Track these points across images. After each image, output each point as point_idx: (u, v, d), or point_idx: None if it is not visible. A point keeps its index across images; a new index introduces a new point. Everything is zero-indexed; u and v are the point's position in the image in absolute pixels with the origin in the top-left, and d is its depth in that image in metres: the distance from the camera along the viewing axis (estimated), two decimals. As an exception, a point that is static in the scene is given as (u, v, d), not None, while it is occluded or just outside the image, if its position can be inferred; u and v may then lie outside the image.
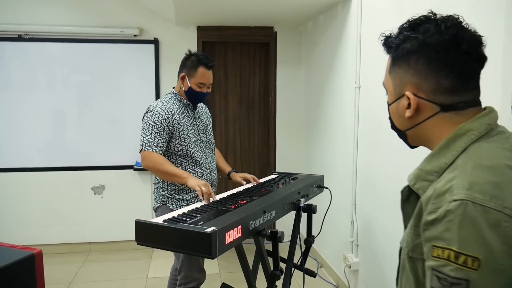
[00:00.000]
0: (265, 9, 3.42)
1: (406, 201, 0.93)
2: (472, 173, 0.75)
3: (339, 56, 3.16)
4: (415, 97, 0.86)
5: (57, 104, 3.89)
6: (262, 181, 2.49)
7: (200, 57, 2.30)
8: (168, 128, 2.23)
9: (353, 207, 2.92)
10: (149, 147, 2.19)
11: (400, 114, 0.92)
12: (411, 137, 0.94)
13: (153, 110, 2.24)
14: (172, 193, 2.30)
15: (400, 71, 0.88)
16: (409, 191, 0.90)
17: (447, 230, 0.72)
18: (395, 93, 0.91)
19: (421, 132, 0.90)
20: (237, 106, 4.26)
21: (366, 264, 2.79)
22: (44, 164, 3.93)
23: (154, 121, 2.21)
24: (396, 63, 0.89)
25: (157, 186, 2.36)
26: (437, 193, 0.76)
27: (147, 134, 2.21)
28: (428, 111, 0.86)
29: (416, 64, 0.85)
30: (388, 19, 2.40)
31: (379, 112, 2.55)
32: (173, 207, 2.27)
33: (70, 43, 3.85)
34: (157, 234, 1.60)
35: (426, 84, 0.84)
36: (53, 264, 3.79)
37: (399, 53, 0.88)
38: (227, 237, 1.56)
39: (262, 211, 1.83)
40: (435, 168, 0.83)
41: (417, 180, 0.86)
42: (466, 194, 0.72)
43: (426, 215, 0.76)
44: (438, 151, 0.84)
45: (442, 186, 0.76)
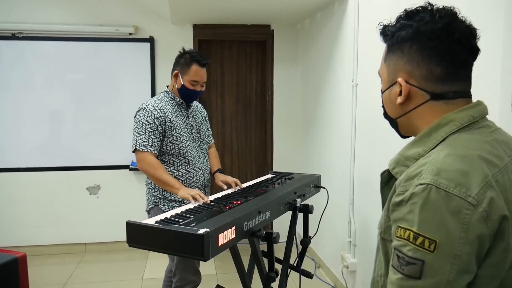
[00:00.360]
0: (261, 6, 3.38)
1: (386, 184, 0.94)
2: (443, 160, 0.77)
3: (336, 54, 3.13)
4: (407, 84, 0.88)
5: (51, 103, 3.85)
6: (258, 181, 2.45)
7: (193, 54, 2.27)
8: (161, 127, 2.20)
9: (351, 207, 2.88)
10: (144, 147, 2.16)
11: (392, 101, 0.93)
12: (402, 126, 0.96)
13: (145, 109, 2.20)
14: (164, 194, 2.26)
15: (394, 58, 0.90)
16: (389, 175, 0.92)
17: (410, 212, 0.75)
18: (388, 80, 0.93)
19: (410, 120, 0.91)
20: (234, 105, 4.22)
21: (364, 265, 2.75)
22: (39, 164, 3.89)
23: (147, 120, 2.17)
24: (391, 50, 0.91)
25: (149, 187, 2.32)
26: (407, 177, 0.79)
27: (141, 133, 2.17)
28: (419, 99, 0.88)
29: (410, 51, 0.86)
30: (385, 17, 2.36)
31: (377, 111, 2.50)
32: (165, 209, 2.23)
33: (64, 41, 3.81)
34: (149, 236, 1.56)
35: (418, 71, 0.86)
36: (48, 265, 3.76)
37: (394, 41, 0.90)
38: (220, 238, 1.53)
39: (257, 211, 1.80)
40: (414, 155, 0.85)
41: (396, 165, 0.88)
42: (432, 179, 0.74)
43: (395, 196, 0.80)
44: (420, 138, 0.87)
45: (413, 171, 0.79)
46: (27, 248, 3.90)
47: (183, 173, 2.26)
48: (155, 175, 2.14)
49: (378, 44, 2.47)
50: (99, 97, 3.90)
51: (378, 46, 2.44)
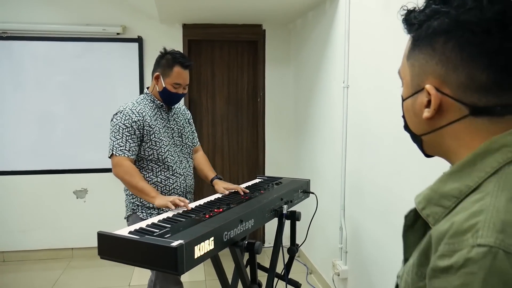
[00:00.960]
0: (253, 6, 3.29)
1: (410, 227, 0.73)
2: (507, 208, 0.55)
3: (328, 54, 3.04)
4: (438, 92, 0.66)
5: (37, 104, 3.75)
6: (245, 186, 2.36)
7: (176, 55, 2.15)
8: (139, 131, 2.09)
9: (342, 212, 2.79)
10: (121, 152, 2.05)
11: (416, 114, 0.71)
12: (428, 144, 0.73)
13: (123, 112, 2.10)
14: (142, 201, 2.16)
15: (421, 56, 0.68)
16: (416, 215, 0.71)
17: (465, 285, 0.52)
18: (412, 85, 0.71)
19: (441, 139, 0.69)
20: (225, 106, 4.13)
21: (355, 272, 2.66)
22: (25, 167, 3.78)
23: (124, 124, 2.07)
24: (418, 46, 0.69)
25: (127, 193, 2.23)
26: (455, 230, 0.56)
27: (118, 137, 2.07)
28: (453, 113, 0.66)
29: (444, 49, 0.64)
30: (377, 16, 2.28)
31: (368, 113, 2.43)
32: (143, 216, 2.13)
33: (50, 41, 3.71)
34: (120, 248, 1.47)
35: (455, 77, 0.64)
36: (33, 271, 3.66)
37: (422, 33, 0.67)
38: (196, 250, 1.44)
39: (239, 220, 1.71)
40: (454, 192, 0.63)
41: (427, 204, 0.66)
42: (497, 239, 0.52)
43: (437, 258, 0.57)
44: (461, 168, 0.64)
45: (463, 221, 0.56)
46: (11, 254, 3.81)
47: (162, 179, 2.16)
48: (131, 182, 2.03)
49: (369, 44, 2.38)
50: (86, 98, 3.81)
51: (369, 46, 2.37)
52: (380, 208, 2.30)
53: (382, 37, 2.22)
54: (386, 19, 2.17)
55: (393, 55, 2.10)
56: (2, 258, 3.82)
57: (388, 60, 2.16)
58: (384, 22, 2.20)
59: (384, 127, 2.22)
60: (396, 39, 2.07)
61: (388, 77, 2.17)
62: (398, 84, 1.99)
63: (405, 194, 2.02)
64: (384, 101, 2.21)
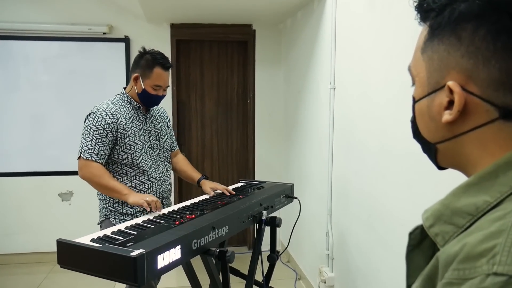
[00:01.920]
0: (242, 5, 3.21)
1: (415, 247, 0.62)
2: None
3: (316, 54, 2.96)
4: (463, 91, 0.54)
5: (20, 105, 3.67)
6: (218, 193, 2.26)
7: (156, 56, 2.05)
8: (112, 134, 2.00)
9: (329, 217, 2.71)
10: (89, 155, 1.96)
11: (432, 117, 0.60)
12: (444, 154, 0.62)
13: (96, 113, 2.01)
14: (115, 206, 2.07)
15: (442, 48, 0.56)
16: (423, 234, 0.60)
17: None
18: (429, 83, 0.59)
19: (460, 148, 0.58)
20: (214, 107, 4.04)
21: (342, 280, 2.57)
22: (8, 169, 3.71)
23: (96, 126, 1.98)
24: (437, 35, 0.56)
25: (99, 198, 2.15)
26: (467, 253, 0.46)
27: (87, 139, 1.98)
28: (479, 116, 0.54)
29: (473, 37, 0.53)
30: (361, 16, 2.20)
31: (354, 116, 2.34)
32: (116, 222, 2.04)
33: (34, 41, 3.63)
34: (80, 256, 1.40)
35: (485, 72, 0.52)
36: (15, 275, 3.58)
37: (444, 19, 0.55)
38: (159, 260, 1.35)
39: (211, 227, 1.63)
40: (469, 208, 0.52)
41: (436, 221, 0.55)
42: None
43: (444, 286, 0.47)
44: (479, 181, 0.53)
45: (477, 243, 0.46)
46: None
47: (136, 184, 2.07)
48: (100, 182, 1.95)
49: (355, 44, 2.30)
50: (72, 99, 3.73)
51: (355, 46, 2.29)
52: (364, 214, 2.21)
53: (367, 38, 2.14)
54: (370, 18, 2.09)
55: (379, 57, 2.02)
56: (-15, 261, 3.74)
57: (373, 62, 2.08)
58: (368, 22, 2.12)
59: (369, 131, 2.14)
60: (381, 41, 2.00)
61: (373, 80, 2.09)
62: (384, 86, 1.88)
63: (389, 200, 1.94)
64: (369, 104, 2.13)
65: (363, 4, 2.17)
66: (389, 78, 1.92)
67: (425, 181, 1.64)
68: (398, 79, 1.83)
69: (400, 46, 1.81)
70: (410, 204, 1.76)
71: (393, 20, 1.87)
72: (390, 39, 1.91)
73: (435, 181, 1.58)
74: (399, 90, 1.83)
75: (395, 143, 1.88)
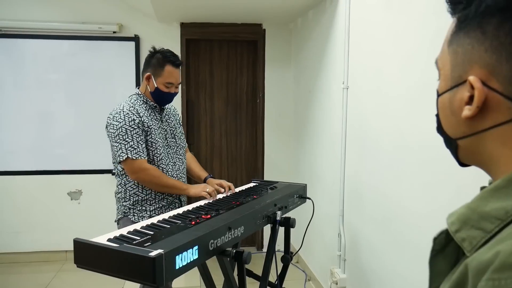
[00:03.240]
0: (252, 4, 3.20)
1: (439, 252, 0.61)
2: None
3: (328, 54, 2.94)
4: (484, 86, 0.53)
5: (30, 104, 3.68)
6: (238, 191, 2.26)
7: (166, 54, 2.10)
8: (143, 132, 2.04)
9: (341, 218, 2.68)
10: (137, 154, 1.99)
11: (453, 112, 0.59)
12: (465, 151, 0.60)
13: (122, 113, 2.02)
14: (134, 204, 2.11)
15: (467, 41, 0.55)
16: (447, 238, 0.58)
17: None
18: (452, 76, 0.58)
19: (482, 145, 0.57)
20: (224, 107, 4.03)
21: (354, 282, 2.55)
22: (18, 168, 3.71)
23: (131, 125, 2.00)
24: (464, 28, 0.56)
25: (118, 197, 2.15)
26: (502, 262, 0.44)
27: (128, 140, 1.99)
28: (501, 113, 0.53)
29: (497, 32, 0.51)
30: (377, 14, 2.17)
31: (368, 116, 2.32)
32: (134, 219, 2.08)
33: (45, 39, 3.63)
34: (97, 256, 1.38)
35: (507, 69, 0.51)
36: (24, 273, 3.59)
37: (471, 12, 0.54)
38: (178, 260, 1.34)
39: (227, 227, 1.61)
40: (498, 213, 0.50)
41: (462, 226, 0.54)
42: None
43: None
44: (508, 183, 0.51)
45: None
46: (2, 256, 3.74)
47: None
48: (160, 183, 2.04)
49: (370, 44, 2.27)
50: (82, 98, 3.73)
51: (370, 45, 2.27)
52: (379, 215, 2.19)
53: (383, 37, 2.11)
54: (387, 18, 2.07)
55: (394, 55, 2.00)
56: (-6, 260, 3.75)
57: (388, 60, 2.06)
58: (385, 21, 2.09)
59: (384, 130, 2.11)
60: (397, 39, 1.97)
61: (388, 79, 2.06)
62: (398, 85, 1.83)
63: (405, 201, 1.92)
64: (384, 103, 2.11)
65: (379, 2, 2.15)
66: (406, 77, 1.89)
67: (442, 181, 1.62)
68: (416, 79, 1.80)
69: (418, 45, 1.78)
70: (426, 205, 1.74)
71: (411, 19, 1.84)
72: (407, 38, 1.89)
73: (452, 182, 1.56)
74: (416, 90, 1.80)
75: (411, 144, 1.85)
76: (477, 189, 1.28)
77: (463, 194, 1.49)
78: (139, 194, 2.10)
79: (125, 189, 2.12)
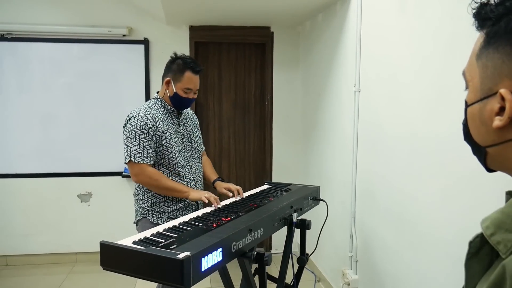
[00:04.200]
0: (261, 8, 3.22)
1: (474, 255, 0.63)
2: None
3: (338, 57, 2.96)
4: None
5: (41, 106, 3.70)
6: (253, 193, 2.29)
7: (186, 60, 2.14)
8: (154, 137, 2.07)
9: (352, 219, 2.71)
10: (140, 158, 2.03)
11: (483, 121, 0.62)
12: (494, 158, 0.64)
13: (137, 117, 2.06)
14: (152, 206, 2.15)
15: (496, 56, 0.59)
16: (482, 242, 0.61)
17: None
18: (482, 89, 0.62)
19: (510, 152, 0.61)
20: (232, 109, 4.06)
21: (367, 282, 2.57)
22: (28, 170, 3.74)
23: (141, 130, 2.04)
24: (493, 44, 0.59)
25: (137, 198, 2.19)
26: None
27: (135, 143, 2.03)
28: None
29: None
30: (391, 17, 2.20)
31: (380, 118, 2.34)
32: (153, 220, 2.12)
33: (55, 43, 3.66)
34: (124, 258, 1.39)
35: None
36: (36, 275, 3.61)
37: (500, 29, 0.58)
38: (203, 263, 1.36)
39: (248, 230, 1.63)
40: None
41: (497, 229, 0.57)
42: None
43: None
44: None
45: None
46: (14, 258, 3.76)
47: None
48: (159, 185, 2.06)
49: (383, 47, 2.29)
50: (91, 101, 3.75)
51: (383, 49, 2.29)
52: (393, 217, 2.21)
53: (397, 40, 2.14)
54: (401, 22, 2.09)
55: (408, 59, 2.02)
56: (5, 262, 3.77)
57: (403, 63, 2.08)
58: (398, 25, 2.12)
59: (399, 132, 2.14)
60: (411, 42, 2.00)
61: (403, 81, 2.09)
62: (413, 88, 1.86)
63: (420, 203, 1.94)
64: (398, 106, 2.13)
65: (393, 5, 2.17)
66: (421, 80, 1.91)
67: (460, 185, 1.64)
68: (432, 82, 1.83)
69: (434, 49, 1.81)
70: (443, 208, 1.76)
71: (427, 23, 1.87)
72: (422, 41, 1.91)
73: (470, 185, 1.58)
74: (432, 93, 1.83)
75: (427, 147, 1.87)
76: (495, 192, 1.32)
77: (481, 197, 1.52)
78: (157, 196, 2.13)
79: (143, 191, 2.15)
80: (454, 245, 1.67)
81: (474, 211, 1.55)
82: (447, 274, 1.73)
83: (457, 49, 1.65)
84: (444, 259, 1.75)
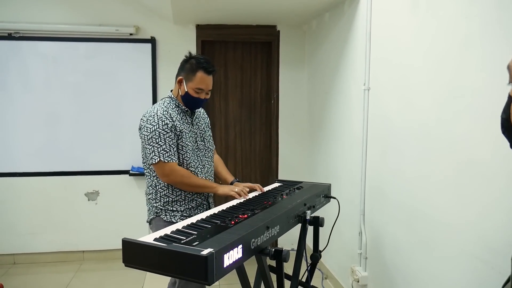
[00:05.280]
0: (267, 6, 3.24)
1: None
2: None
3: (347, 56, 2.98)
4: None
5: (49, 105, 3.71)
6: (266, 190, 2.31)
7: (200, 60, 2.13)
8: (175, 135, 2.09)
9: (362, 217, 2.73)
10: (169, 158, 2.04)
11: None
12: None
13: (156, 117, 2.06)
14: (165, 205, 2.16)
15: None
16: None
17: None
18: None
19: None
20: (238, 108, 4.07)
21: (376, 279, 2.60)
22: (35, 169, 3.75)
23: (163, 129, 2.05)
24: None
25: (149, 197, 2.20)
26: None
27: (161, 143, 2.04)
28: None
29: None
30: (402, 16, 2.22)
31: (391, 116, 2.36)
32: (167, 219, 2.13)
33: (62, 42, 3.67)
34: (147, 255, 1.41)
35: None
36: (43, 273, 3.62)
37: None
38: (225, 259, 1.38)
39: (265, 227, 1.65)
40: None
41: None
42: None
43: None
44: None
45: None
46: (21, 256, 3.78)
47: None
48: (190, 183, 2.10)
49: (393, 46, 2.31)
50: (98, 99, 3.76)
51: (393, 48, 2.31)
52: (403, 215, 2.23)
53: (408, 40, 2.16)
54: (413, 22, 2.10)
55: (420, 59, 2.04)
56: (12, 260, 3.78)
57: (414, 64, 2.10)
58: (410, 24, 2.13)
59: (409, 130, 2.15)
60: (424, 42, 2.01)
61: (414, 80, 2.10)
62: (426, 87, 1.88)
63: (432, 200, 1.96)
64: (410, 105, 2.15)
65: (404, 5, 2.19)
66: (433, 80, 1.93)
67: (473, 184, 1.66)
68: (445, 82, 1.84)
69: (448, 48, 1.82)
70: (456, 206, 1.77)
71: (439, 21, 1.88)
72: (435, 41, 1.92)
73: (484, 184, 1.60)
74: (445, 93, 1.84)
75: (439, 146, 1.89)
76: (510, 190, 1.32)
77: (496, 195, 1.54)
78: (169, 195, 2.15)
79: (155, 190, 2.16)
80: (469, 243, 1.69)
81: (489, 210, 1.57)
82: (461, 272, 1.75)
83: (471, 49, 1.67)
84: (458, 257, 1.77)
